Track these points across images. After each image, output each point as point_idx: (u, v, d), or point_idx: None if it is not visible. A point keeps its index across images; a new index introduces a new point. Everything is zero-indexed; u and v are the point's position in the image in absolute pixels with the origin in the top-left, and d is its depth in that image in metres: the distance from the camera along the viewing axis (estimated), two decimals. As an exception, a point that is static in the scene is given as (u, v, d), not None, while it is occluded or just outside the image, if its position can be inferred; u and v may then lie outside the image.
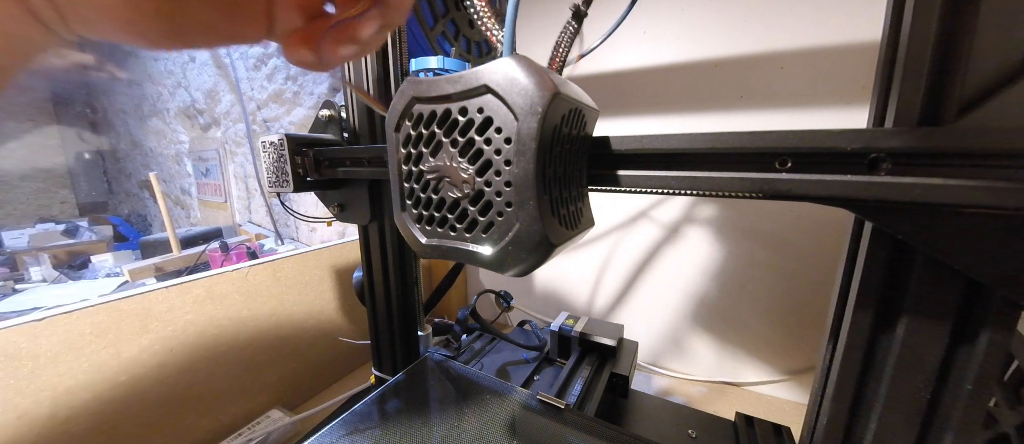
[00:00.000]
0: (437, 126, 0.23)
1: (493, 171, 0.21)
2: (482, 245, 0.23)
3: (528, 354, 0.64)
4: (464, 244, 0.24)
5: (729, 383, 0.75)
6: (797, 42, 0.60)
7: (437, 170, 0.24)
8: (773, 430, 0.48)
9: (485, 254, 0.23)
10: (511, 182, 0.21)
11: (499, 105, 0.21)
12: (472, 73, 0.21)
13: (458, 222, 0.24)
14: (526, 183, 0.20)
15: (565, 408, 0.42)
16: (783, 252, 0.66)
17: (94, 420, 0.50)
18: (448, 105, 0.22)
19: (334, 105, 0.49)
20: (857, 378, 0.27)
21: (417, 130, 0.24)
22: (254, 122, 1.66)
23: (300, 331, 0.73)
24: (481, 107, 0.21)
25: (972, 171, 0.19)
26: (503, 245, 0.22)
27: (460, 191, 0.23)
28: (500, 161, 0.21)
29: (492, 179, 0.22)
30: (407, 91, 0.24)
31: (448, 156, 0.23)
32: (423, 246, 0.26)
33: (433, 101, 0.23)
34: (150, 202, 2.89)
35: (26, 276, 1.78)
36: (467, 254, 0.24)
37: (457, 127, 0.22)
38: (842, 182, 0.21)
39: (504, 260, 0.22)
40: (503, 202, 0.22)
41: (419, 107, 0.24)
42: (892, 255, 0.24)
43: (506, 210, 0.22)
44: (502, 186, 0.21)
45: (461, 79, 0.21)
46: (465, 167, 0.22)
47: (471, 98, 0.21)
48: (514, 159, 0.20)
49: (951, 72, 0.20)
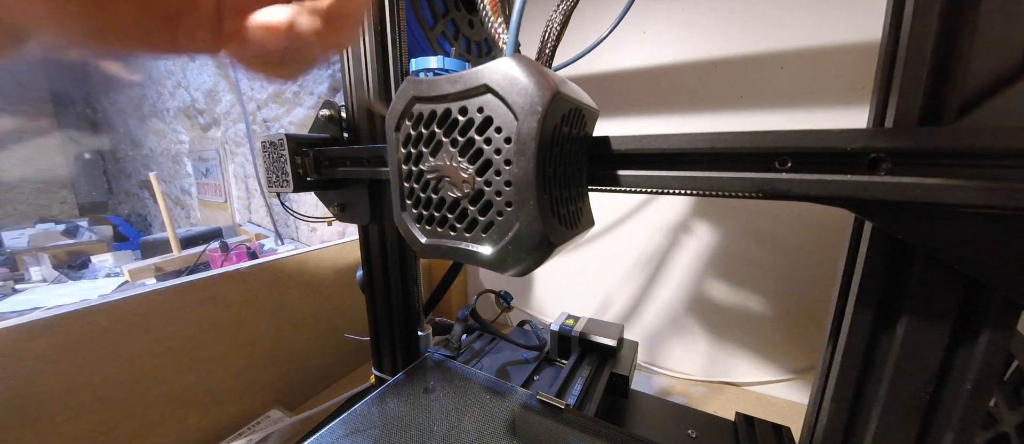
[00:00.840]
0: (437, 126, 0.23)
1: (493, 171, 0.21)
2: (482, 245, 0.23)
3: (528, 354, 0.64)
4: (464, 244, 0.24)
5: (729, 383, 0.75)
6: (797, 42, 0.60)
7: (437, 170, 0.24)
8: (773, 430, 0.48)
9: (485, 254, 0.23)
10: (511, 182, 0.21)
11: (499, 105, 0.20)
12: (472, 73, 0.21)
13: (458, 222, 0.24)
14: (526, 183, 0.20)
15: (565, 408, 0.42)
16: (783, 252, 0.66)
17: (94, 420, 0.50)
18: (448, 105, 0.22)
19: (334, 105, 0.49)
20: (857, 378, 0.27)
21: (417, 130, 0.24)
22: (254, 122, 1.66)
23: (300, 331, 0.73)
24: (481, 107, 0.21)
25: (972, 171, 0.19)
26: (503, 245, 0.22)
27: (460, 191, 0.23)
28: (500, 161, 0.21)
29: (492, 179, 0.22)
30: (407, 91, 0.24)
31: (448, 156, 0.23)
32: (423, 246, 0.26)
33: (433, 101, 0.23)
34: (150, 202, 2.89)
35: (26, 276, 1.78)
36: (467, 254, 0.24)
37: (457, 127, 0.22)
38: (842, 182, 0.21)
39: (504, 260, 0.22)
40: (503, 202, 0.22)
41: (419, 107, 0.24)
42: (892, 255, 0.24)
43: (506, 210, 0.21)
44: (502, 186, 0.21)
45: (461, 79, 0.21)
46: (465, 167, 0.22)
47: (471, 98, 0.21)
48: (514, 159, 0.20)
49: (951, 72, 0.20)
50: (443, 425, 0.40)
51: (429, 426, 0.40)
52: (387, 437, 0.38)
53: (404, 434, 0.38)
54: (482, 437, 0.38)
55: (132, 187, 3.03)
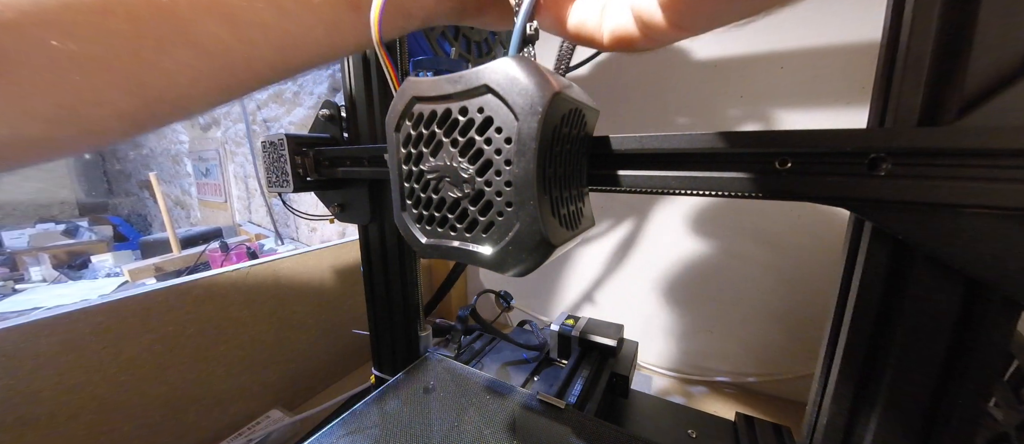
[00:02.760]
0: (437, 126, 0.23)
1: (493, 171, 0.21)
2: (482, 245, 0.23)
3: (528, 354, 0.64)
4: (464, 244, 0.24)
5: (729, 383, 0.75)
6: (797, 42, 0.60)
7: (437, 170, 0.24)
8: (773, 430, 0.48)
9: (485, 254, 0.23)
10: (511, 182, 0.21)
11: (499, 105, 0.20)
12: (473, 73, 0.21)
13: (458, 222, 0.24)
14: (526, 183, 0.20)
15: (565, 408, 0.42)
16: (783, 252, 0.66)
17: (94, 420, 0.50)
18: (448, 105, 0.22)
19: (334, 105, 0.49)
20: (857, 378, 0.27)
21: (417, 130, 0.24)
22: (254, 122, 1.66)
23: (300, 331, 0.73)
24: (481, 107, 0.21)
25: (972, 171, 0.19)
26: (503, 245, 0.22)
27: (460, 191, 0.23)
28: (500, 161, 0.21)
29: (492, 179, 0.21)
30: (407, 91, 0.24)
31: (448, 156, 0.23)
32: (423, 246, 0.26)
33: (433, 101, 0.23)
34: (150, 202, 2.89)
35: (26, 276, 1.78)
36: (467, 254, 0.24)
37: (457, 127, 0.22)
38: (842, 182, 0.21)
39: (504, 260, 0.22)
40: (503, 202, 0.21)
41: (419, 107, 0.23)
42: (892, 255, 0.24)
43: (506, 210, 0.21)
44: (502, 186, 0.21)
45: (461, 79, 0.21)
46: (465, 167, 0.22)
47: (471, 98, 0.21)
48: (514, 159, 0.20)
49: (951, 72, 0.20)
50: (443, 425, 0.40)
51: (429, 426, 0.40)
52: (387, 437, 0.38)
53: (404, 434, 0.38)
54: (482, 437, 0.38)
55: (132, 187, 3.03)
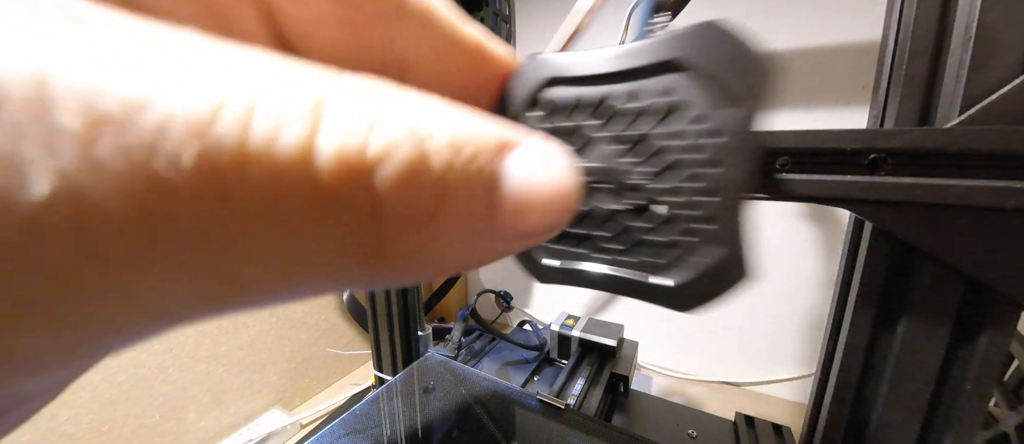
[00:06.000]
0: (589, 117, 0.17)
1: (685, 175, 0.16)
2: (656, 274, 0.17)
3: (528, 354, 0.64)
4: (619, 271, 0.18)
5: (729, 383, 0.75)
6: (797, 42, 0.60)
7: (592, 173, 0.17)
8: (773, 430, 0.48)
9: (661, 286, 0.16)
10: (714, 189, 0.15)
11: (697, 86, 0.15)
12: (651, 46, 0.16)
13: (610, 241, 0.17)
14: (737, 190, 0.15)
15: (565, 408, 0.42)
16: (783, 252, 0.66)
17: (94, 420, 0.50)
18: (608, 87, 0.16)
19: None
20: (857, 378, 0.27)
21: (552, 123, 0.17)
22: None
23: (300, 331, 0.73)
24: (667, 89, 0.15)
25: (972, 171, 0.19)
26: (698, 276, 0.16)
27: (619, 203, 0.17)
28: (696, 161, 0.15)
29: (682, 186, 0.16)
30: (536, 72, 0.17)
31: (603, 155, 0.17)
32: (544, 268, 0.19)
33: (580, 82, 0.17)
34: (150, 202, 2.89)
35: (26, 276, 1.78)
36: (627, 285, 0.17)
37: (621, 117, 0.16)
38: (842, 182, 0.21)
39: (694, 296, 0.16)
40: (701, 217, 0.16)
41: (556, 92, 0.17)
42: (892, 255, 0.24)
43: (704, 228, 0.16)
44: (698, 195, 0.16)
45: (633, 53, 0.16)
46: (638, 170, 0.16)
47: (647, 78, 0.16)
48: (725, 159, 0.15)
49: (951, 72, 0.20)
50: (443, 425, 0.40)
51: (429, 426, 0.40)
52: (387, 437, 0.38)
53: (404, 434, 0.38)
54: (482, 437, 0.38)
55: (132, 187, 3.02)
